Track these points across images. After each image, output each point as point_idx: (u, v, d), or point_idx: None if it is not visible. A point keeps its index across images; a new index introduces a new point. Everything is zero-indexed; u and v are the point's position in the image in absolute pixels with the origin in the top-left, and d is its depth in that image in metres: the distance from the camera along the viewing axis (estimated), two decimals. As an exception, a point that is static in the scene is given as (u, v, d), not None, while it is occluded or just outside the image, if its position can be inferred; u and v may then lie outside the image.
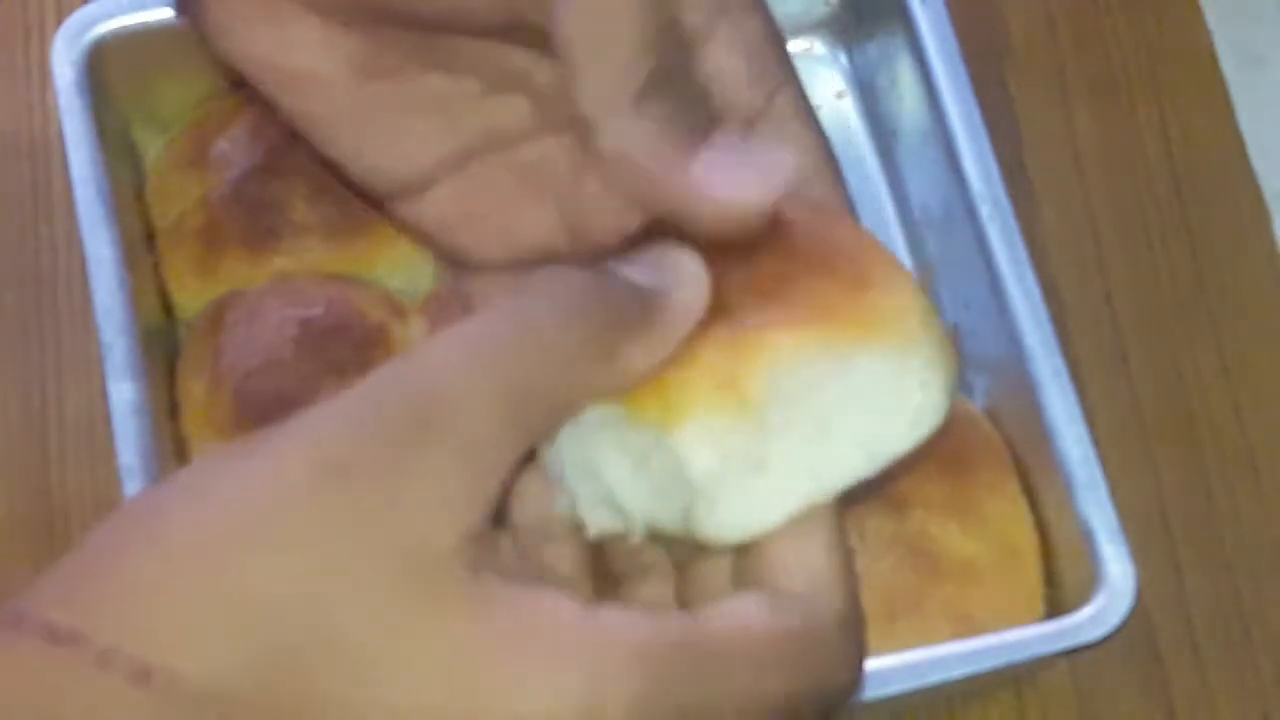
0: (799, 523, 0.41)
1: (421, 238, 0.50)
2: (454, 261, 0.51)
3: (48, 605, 0.37)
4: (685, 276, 0.42)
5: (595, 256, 0.48)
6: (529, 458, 0.42)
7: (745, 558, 0.42)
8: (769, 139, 0.46)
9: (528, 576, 0.39)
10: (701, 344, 0.42)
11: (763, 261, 0.43)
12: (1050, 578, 0.66)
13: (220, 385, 0.67)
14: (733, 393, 0.41)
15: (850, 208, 0.47)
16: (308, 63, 0.47)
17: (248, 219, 0.69)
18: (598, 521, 0.43)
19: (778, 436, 0.41)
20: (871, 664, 0.52)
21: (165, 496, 0.39)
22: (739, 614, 0.40)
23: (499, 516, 0.40)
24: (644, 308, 0.41)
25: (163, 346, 0.69)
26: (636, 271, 0.42)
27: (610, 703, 0.37)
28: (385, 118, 0.48)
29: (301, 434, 0.38)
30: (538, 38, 0.45)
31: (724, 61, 0.46)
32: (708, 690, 0.38)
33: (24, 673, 0.36)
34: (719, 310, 0.42)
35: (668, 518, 0.42)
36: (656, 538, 0.43)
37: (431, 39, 0.47)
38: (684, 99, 0.44)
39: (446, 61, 0.47)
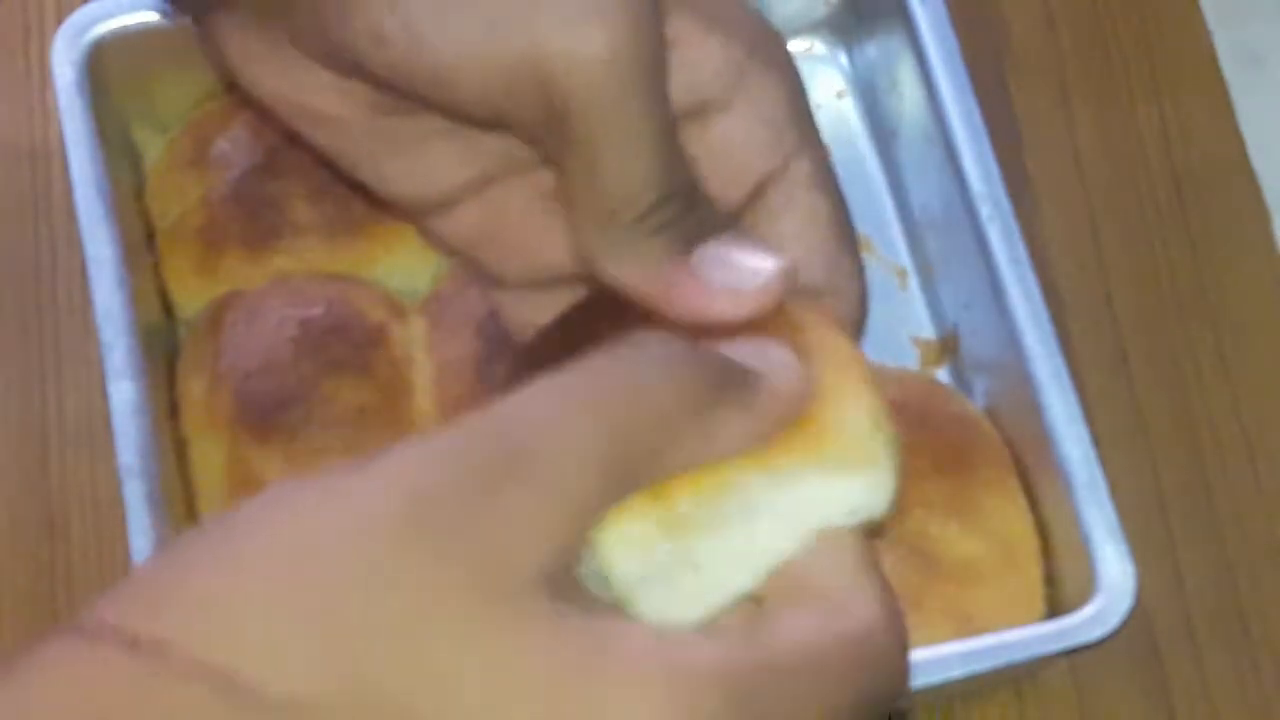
0: (823, 537, 0.42)
1: (449, 251, 0.51)
2: (480, 275, 0.51)
3: (130, 615, 0.37)
4: (779, 365, 0.42)
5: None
6: None
7: (772, 575, 0.42)
8: (779, 202, 0.47)
9: (604, 607, 0.40)
10: None
11: None
12: (1050, 578, 0.66)
13: (220, 385, 0.67)
14: (660, 506, 0.40)
15: (859, 273, 0.48)
16: (322, 104, 0.48)
17: (248, 219, 0.69)
18: None
19: (706, 537, 0.41)
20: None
21: (249, 517, 0.39)
22: (795, 627, 0.40)
23: None
24: (741, 378, 0.41)
25: (163, 346, 0.69)
26: (731, 351, 0.42)
27: None
28: (400, 150, 0.49)
29: (392, 465, 0.38)
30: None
31: (737, 131, 0.47)
32: (782, 705, 0.39)
33: (107, 683, 0.36)
34: None
35: (603, 595, 0.41)
36: None
37: None
38: (680, 206, 0.45)
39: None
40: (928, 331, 0.73)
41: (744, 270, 0.44)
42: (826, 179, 0.48)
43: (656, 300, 0.44)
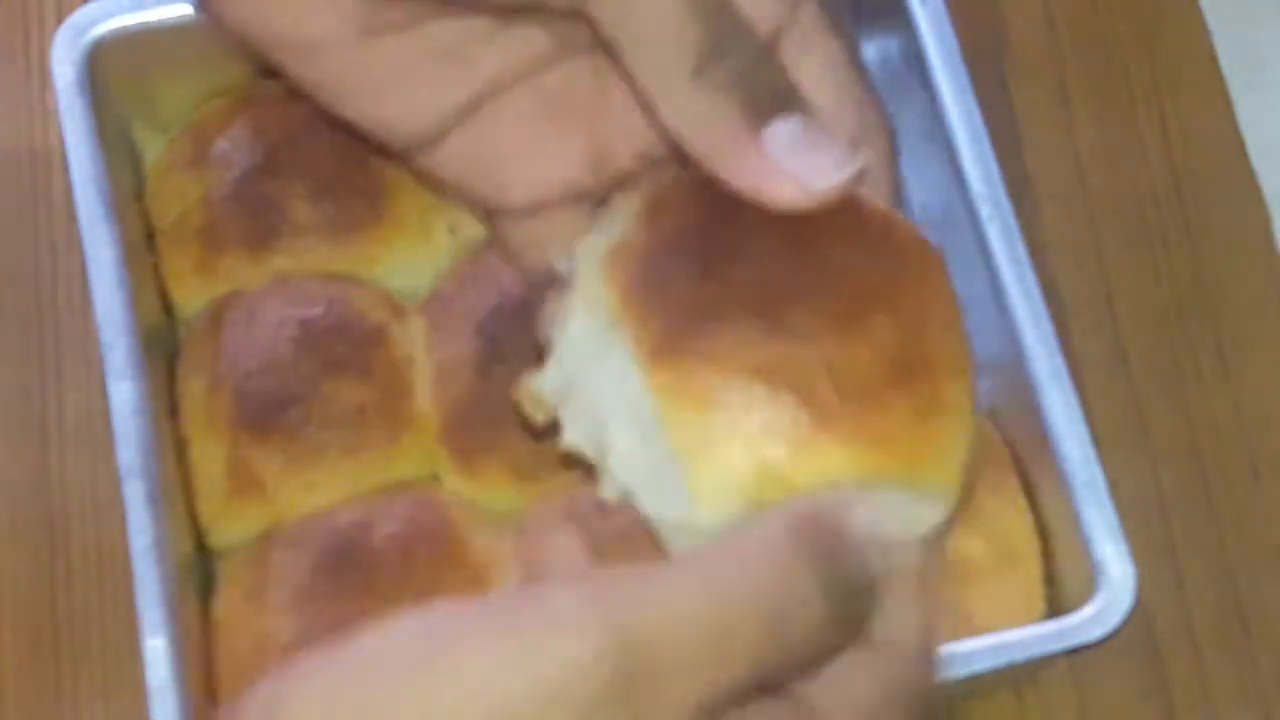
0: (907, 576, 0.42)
1: (443, 188, 0.50)
2: (482, 208, 0.50)
3: None
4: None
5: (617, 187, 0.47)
6: None
7: None
8: (794, 49, 0.46)
9: None
10: (764, 376, 0.41)
11: (844, 284, 0.43)
12: (1050, 577, 0.66)
13: (220, 385, 0.67)
14: (768, 482, 0.40)
15: (883, 110, 0.47)
16: (309, 28, 0.47)
17: (248, 219, 0.69)
18: (575, 443, 0.42)
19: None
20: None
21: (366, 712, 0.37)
22: (853, 695, 0.41)
23: None
24: (867, 607, 0.40)
25: (163, 346, 0.69)
26: (867, 520, 0.40)
27: None
28: (392, 75, 0.47)
29: (509, 675, 0.36)
30: (551, 14, 0.45)
31: None
32: None
33: None
34: (795, 331, 0.41)
35: (645, 498, 0.41)
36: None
37: None
38: (746, 59, 0.43)
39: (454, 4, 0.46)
40: (928, 331, 0.73)
41: (816, 163, 0.42)
42: (830, 20, 0.46)
43: (716, 161, 0.42)
